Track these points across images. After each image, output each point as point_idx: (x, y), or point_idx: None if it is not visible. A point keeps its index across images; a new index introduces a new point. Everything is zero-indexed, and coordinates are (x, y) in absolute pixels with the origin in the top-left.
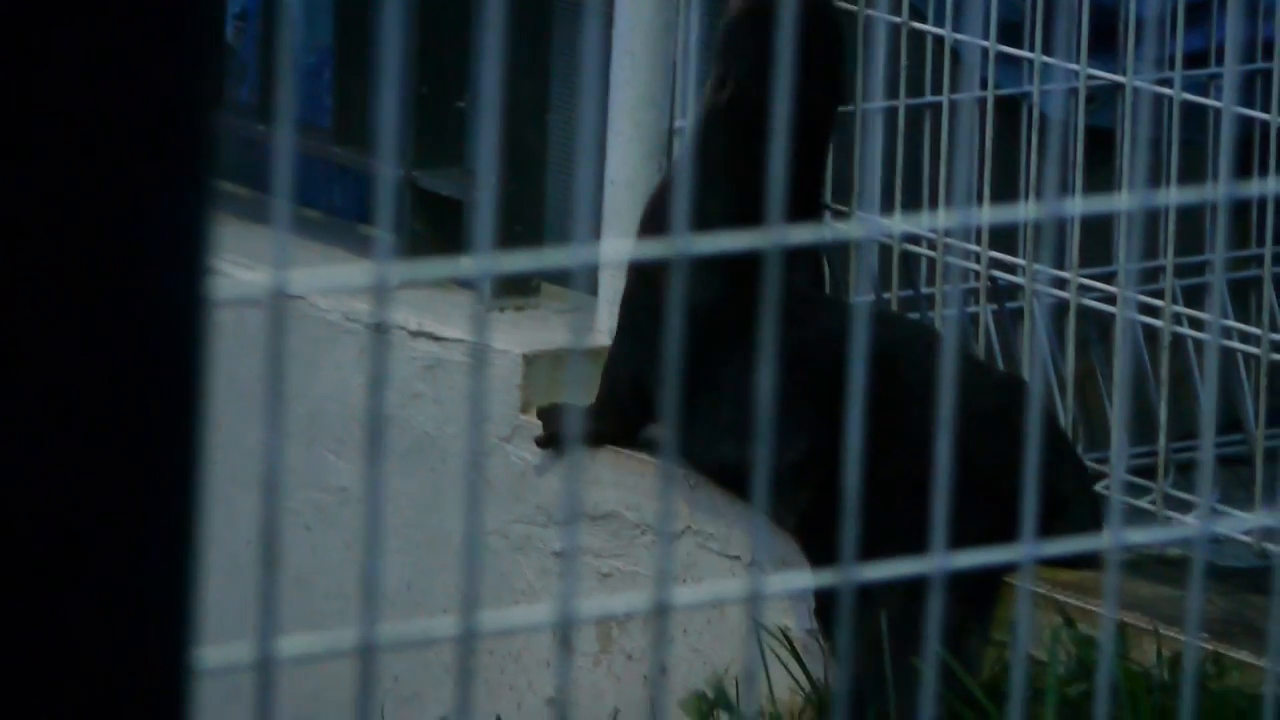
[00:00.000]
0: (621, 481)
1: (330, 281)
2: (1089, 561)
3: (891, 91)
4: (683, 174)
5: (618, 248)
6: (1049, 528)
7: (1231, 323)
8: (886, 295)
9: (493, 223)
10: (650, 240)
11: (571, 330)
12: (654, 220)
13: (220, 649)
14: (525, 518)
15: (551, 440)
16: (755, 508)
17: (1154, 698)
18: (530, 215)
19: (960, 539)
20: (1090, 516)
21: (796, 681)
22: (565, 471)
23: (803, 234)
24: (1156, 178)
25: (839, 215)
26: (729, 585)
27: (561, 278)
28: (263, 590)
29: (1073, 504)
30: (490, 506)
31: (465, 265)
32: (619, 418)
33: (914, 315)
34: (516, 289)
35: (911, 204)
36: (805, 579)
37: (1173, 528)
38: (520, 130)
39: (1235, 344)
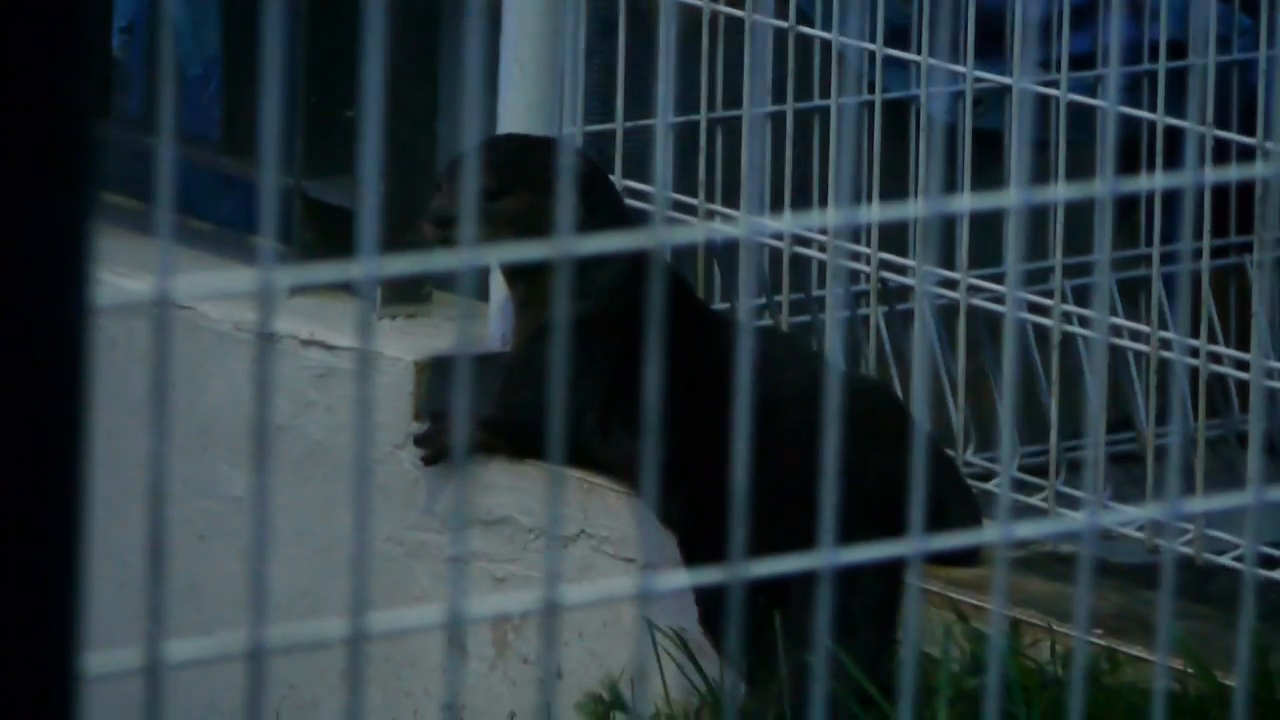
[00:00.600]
0: (514, 486)
1: (214, 287)
2: (974, 558)
3: (779, 95)
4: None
5: (504, 253)
6: (930, 527)
7: (1120, 320)
8: (777, 298)
9: (378, 228)
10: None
11: (460, 336)
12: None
13: (110, 655)
14: (418, 524)
15: (432, 444)
16: (645, 506)
17: (1047, 693)
18: (419, 222)
19: (840, 540)
20: (969, 514)
21: (691, 682)
22: (456, 474)
23: (687, 233)
24: (1043, 178)
25: (727, 219)
26: (619, 583)
27: (451, 285)
28: (150, 596)
29: (951, 504)
30: (383, 513)
31: (350, 269)
32: (512, 441)
33: (804, 318)
34: (407, 296)
35: (801, 208)
36: (693, 577)
37: (1061, 521)
38: (408, 137)
39: (1125, 342)
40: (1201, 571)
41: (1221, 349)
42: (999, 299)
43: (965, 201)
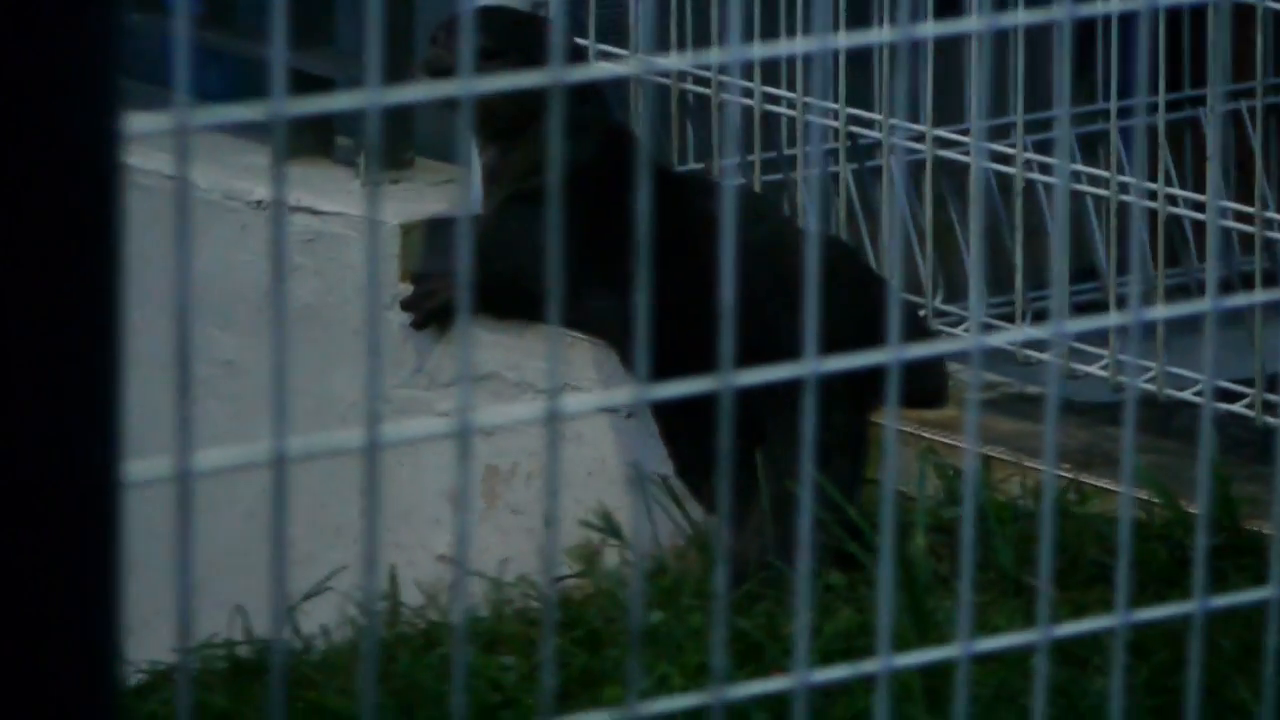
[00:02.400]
0: (499, 342)
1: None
2: (941, 399)
3: None
4: None
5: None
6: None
7: (1080, 167)
8: (750, 158)
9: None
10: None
11: (447, 200)
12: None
13: (143, 463)
14: (407, 382)
15: (419, 308)
16: (628, 359)
17: (1019, 524)
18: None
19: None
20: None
21: (677, 525)
22: (452, 334)
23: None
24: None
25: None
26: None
27: (437, 150)
28: (179, 408)
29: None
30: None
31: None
32: (491, 304)
33: (776, 176)
34: (392, 162)
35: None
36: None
37: (1030, 331)
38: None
39: (1085, 187)
40: (1163, 408)
41: (1177, 191)
42: (964, 153)
43: (930, 28)
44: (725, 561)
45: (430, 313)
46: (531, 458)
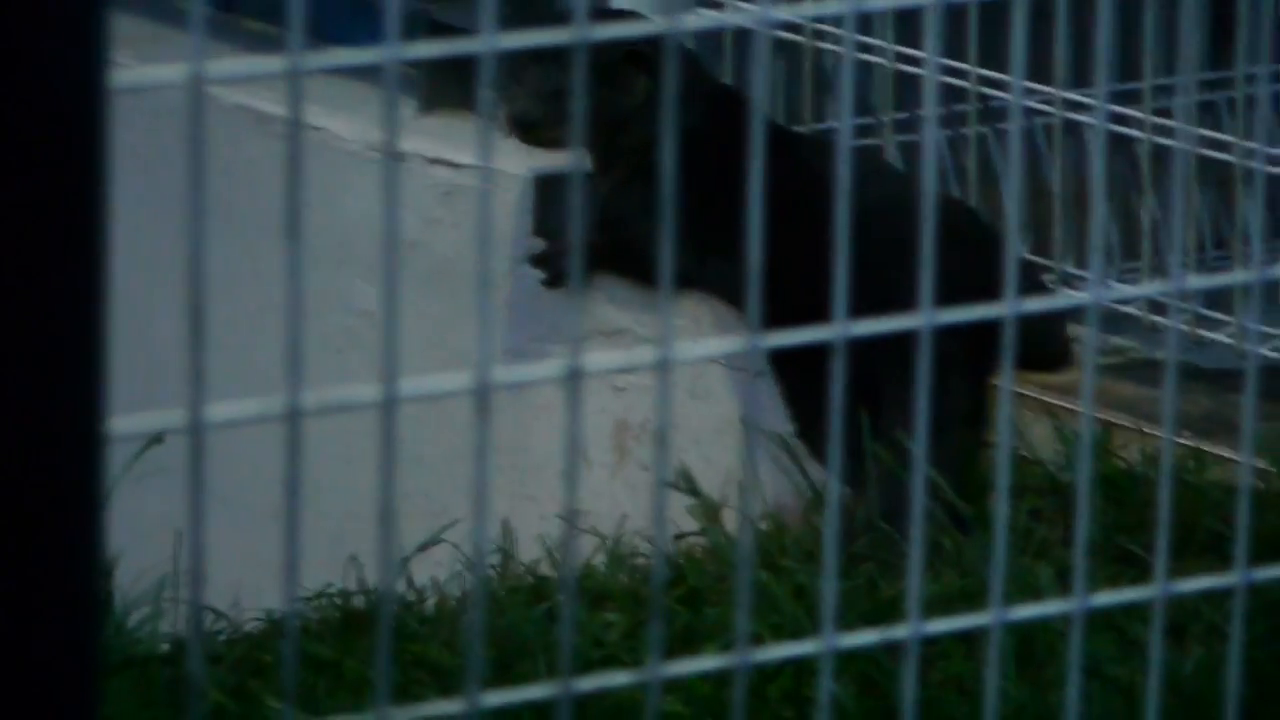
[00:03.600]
0: (631, 300)
1: (243, 71)
2: (1063, 362)
3: None
4: None
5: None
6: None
7: (1205, 131)
8: (883, 118)
9: (400, 16)
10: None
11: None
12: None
13: (157, 415)
14: (540, 336)
15: (548, 266)
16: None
17: (1137, 491)
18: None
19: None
20: (1052, 321)
21: (795, 485)
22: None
23: (700, 22)
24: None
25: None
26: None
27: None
28: (191, 360)
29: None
30: (505, 327)
31: (372, 54)
32: (618, 271)
33: (911, 137)
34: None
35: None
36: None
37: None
38: None
39: (1211, 152)
40: None
41: None
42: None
43: None
44: (837, 520)
45: (562, 271)
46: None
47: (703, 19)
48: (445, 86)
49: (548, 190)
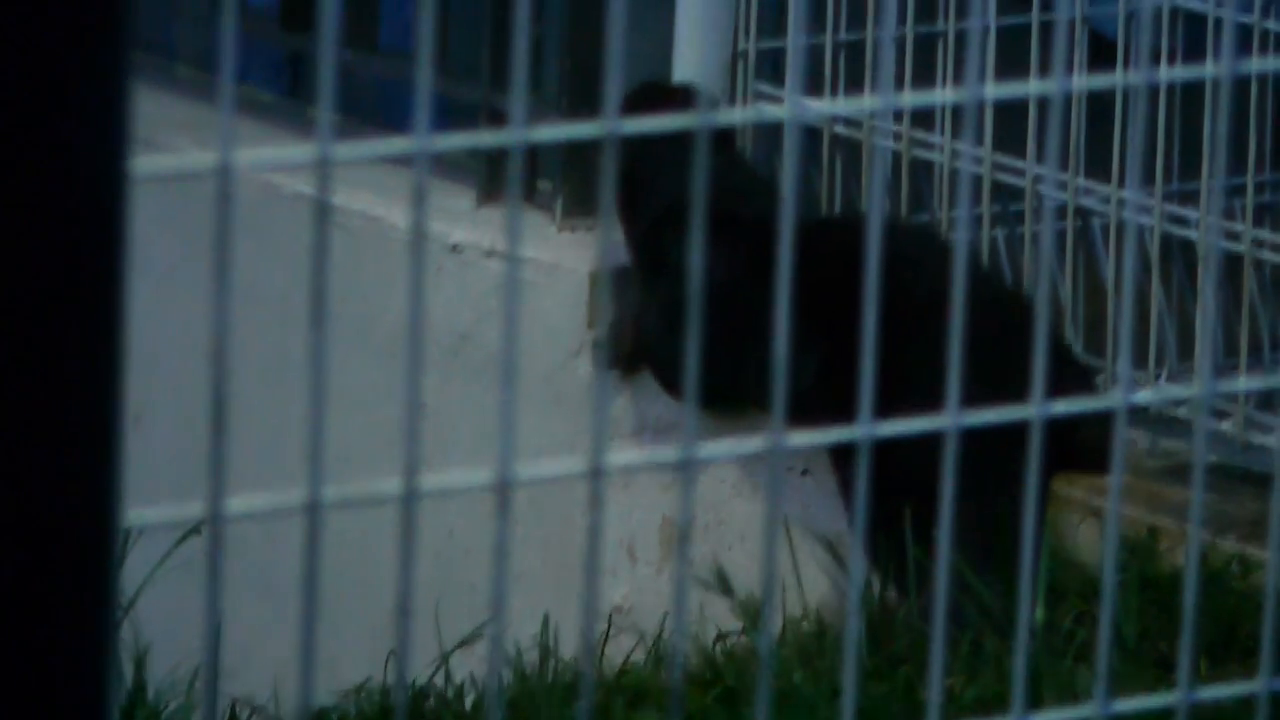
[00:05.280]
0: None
1: (271, 158)
2: (1108, 463)
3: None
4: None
5: (563, 130)
6: (1065, 434)
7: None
8: (939, 214)
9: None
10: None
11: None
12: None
13: (176, 508)
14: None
15: (608, 356)
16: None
17: (1180, 595)
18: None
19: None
20: (1102, 423)
21: (840, 588)
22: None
23: (732, 116)
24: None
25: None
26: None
27: None
28: (212, 452)
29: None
30: (559, 419)
31: (401, 144)
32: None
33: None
34: (585, 209)
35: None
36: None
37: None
38: (588, 55)
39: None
40: None
41: None
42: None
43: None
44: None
45: (617, 358)
46: (709, 511)
47: (733, 114)
48: (506, 175)
49: (608, 284)
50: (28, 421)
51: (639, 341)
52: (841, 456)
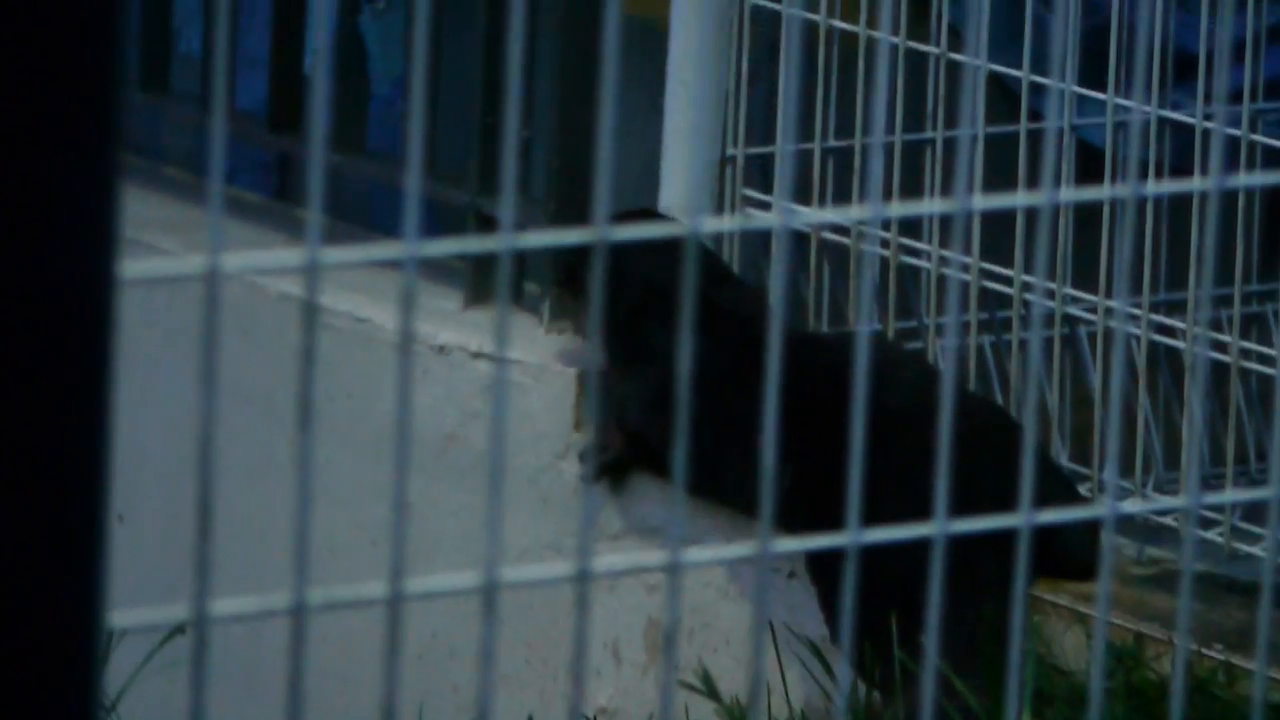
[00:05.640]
0: (667, 497)
1: (260, 263)
2: (1094, 571)
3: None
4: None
5: (555, 236)
6: (1047, 541)
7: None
8: (927, 321)
9: (421, 211)
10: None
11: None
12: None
13: (160, 610)
14: (578, 532)
15: (591, 461)
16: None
17: (1166, 704)
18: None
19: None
20: (1086, 530)
21: (825, 691)
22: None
23: (720, 223)
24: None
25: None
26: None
27: None
28: (198, 553)
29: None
30: (545, 520)
31: (390, 249)
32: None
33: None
34: (572, 312)
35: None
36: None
37: (1161, 498)
38: (577, 156)
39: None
40: None
41: None
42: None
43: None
44: None
45: (602, 466)
46: (695, 613)
47: (721, 222)
48: (494, 278)
49: (593, 384)
50: (14, 520)
51: (626, 438)
52: (820, 569)
